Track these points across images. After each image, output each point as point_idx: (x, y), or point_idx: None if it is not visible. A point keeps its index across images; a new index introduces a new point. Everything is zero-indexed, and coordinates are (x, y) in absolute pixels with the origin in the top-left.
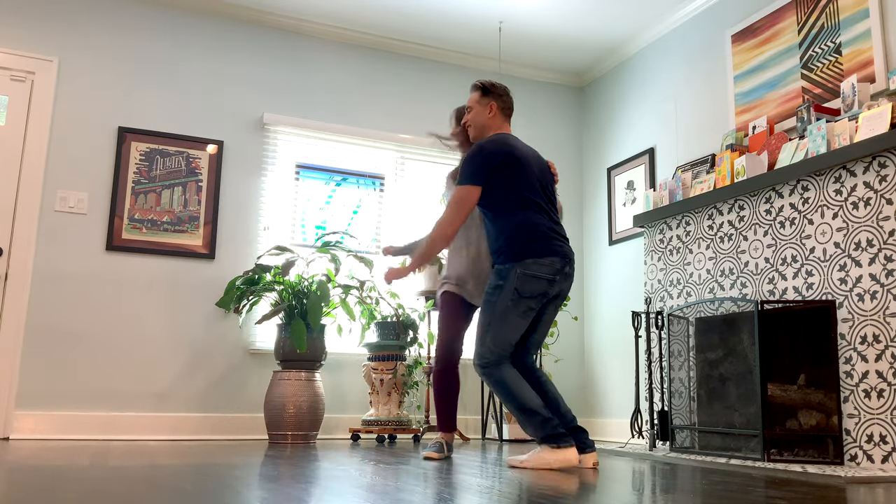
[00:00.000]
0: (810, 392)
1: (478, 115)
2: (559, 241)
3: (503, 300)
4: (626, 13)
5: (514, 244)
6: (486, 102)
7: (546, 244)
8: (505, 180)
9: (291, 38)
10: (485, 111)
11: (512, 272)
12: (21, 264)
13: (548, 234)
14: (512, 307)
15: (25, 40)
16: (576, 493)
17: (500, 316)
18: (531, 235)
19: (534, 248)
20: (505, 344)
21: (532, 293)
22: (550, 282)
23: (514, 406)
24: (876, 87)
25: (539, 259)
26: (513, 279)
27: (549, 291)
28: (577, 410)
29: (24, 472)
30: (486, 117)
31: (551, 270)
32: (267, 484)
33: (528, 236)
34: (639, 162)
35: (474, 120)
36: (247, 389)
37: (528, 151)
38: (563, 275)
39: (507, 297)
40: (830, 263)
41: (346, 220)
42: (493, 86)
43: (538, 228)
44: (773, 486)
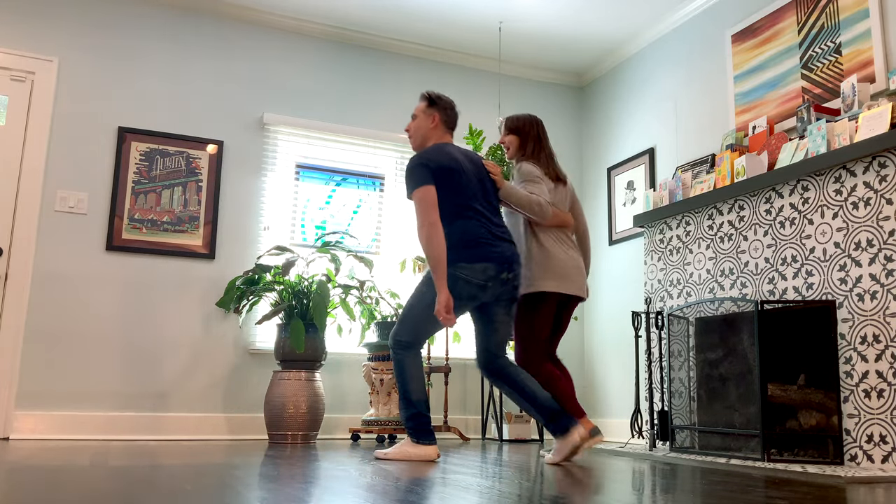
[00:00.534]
0: (810, 392)
1: (421, 123)
2: (495, 247)
3: (432, 294)
4: (626, 13)
5: (451, 249)
6: (431, 113)
7: (479, 251)
8: (441, 190)
9: (291, 38)
10: (428, 121)
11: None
12: (21, 264)
13: (482, 241)
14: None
15: (25, 40)
16: (576, 494)
17: (426, 307)
18: (464, 242)
19: (466, 254)
20: (419, 334)
21: (460, 295)
22: (481, 287)
23: (401, 390)
24: (876, 87)
25: (470, 264)
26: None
27: (479, 296)
28: None
29: (24, 472)
30: (429, 127)
31: (483, 276)
32: (267, 484)
33: (461, 243)
34: (639, 162)
35: (417, 128)
36: (247, 389)
37: (464, 158)
38: (497, 280)
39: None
40: (830, 263)
41: (346, 220)
42: (438, 98)
43: (471, 235)
44: (773, 486)
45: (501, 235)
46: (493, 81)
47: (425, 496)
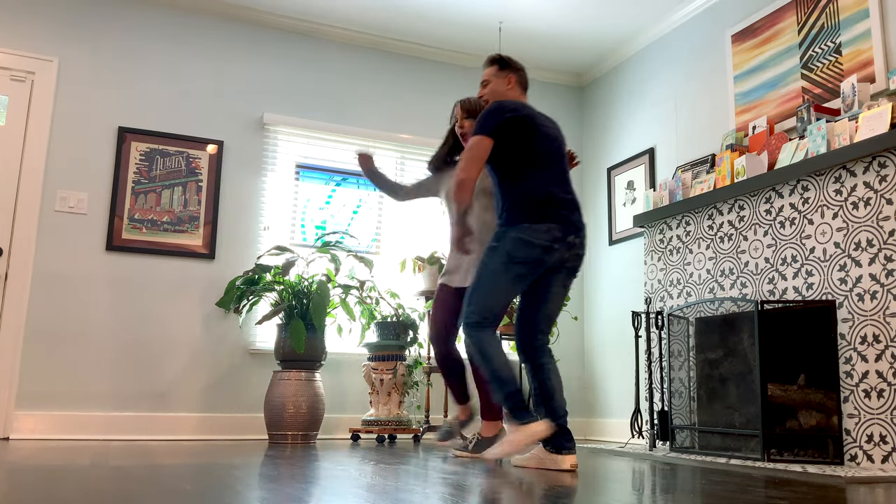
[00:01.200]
0: (810, 392)
1: (496, 87)
2: (563, 210)
3: (494, 262)
4: (626, 13)
5: (513, 208)
6: (505, 75)
7: (545, 211)
8: (515, 141)
9: (291, 38)
10: (503, 83)
11: (507, 235)
12: (21, 264)
13: (550, 201)
14: (502, 270)
15: (25, 40)
16: (576, 493)
17: (490, 277)
18: (531, 201)
19: (531, 213)
20: (489, 309)
21: (524, 258)
22: (546, 249)
23: (487, 370)
24: (876, 87)
25: (534, 224)
26: (506, 242)
27: (544, 259)
28: (578, 410)
29: (24, 472)
30: (505, 89)
31: (548, 238)
32: (267, 484)
33: (527, 201)
34: (639, 162)
35: (493, 92)
36: (247, 389)
37: (546, 120)
38: (563, 243)
39: (499, 259)
40: (830, 263)
41: (346, 220)
42: (509, 59)
43: (539, 194)
44: (773, 486)
45: (570, 201)
46: None
47: (425, 496)
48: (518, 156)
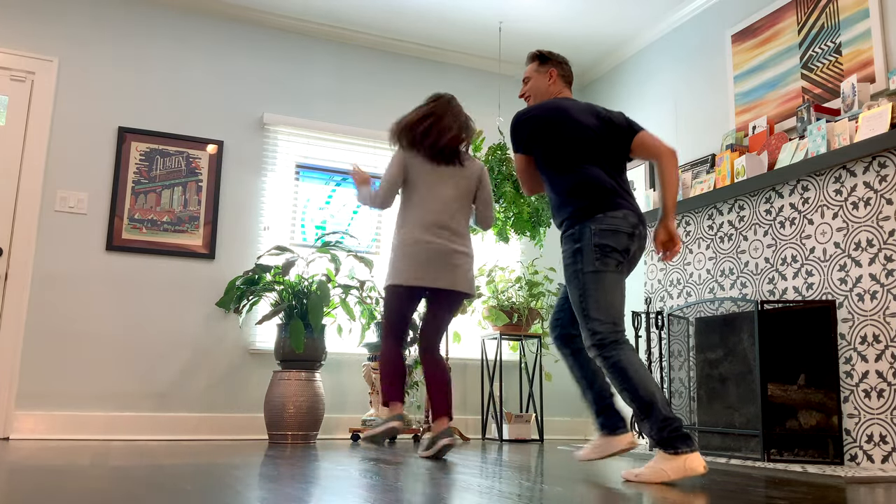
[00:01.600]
0: (810, 392)
1: (537, 83)
2: (629, 199)
3: (588, 262)
4: (626, 13)
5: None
6: (546, 70)
7: (616, 198)
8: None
9: (291, 38)
10: (545, 79)
11: (587, 230)
12: (21, 264)
13: (616, 190)
14: (602, 266)
15: (25, 40)
16: (576, 493)
17: (593, 281)
18: (598, 190)
19: (604, 202)
20: (613, 312)
21: (616, 246)
22: (630, 236)
23: (630, 397)
24: (876, 87)
25: (612, 212)
26: (589, 237)
27: (630, 247)
28: (578, 410)
29: (24, 472)
30: (547, 84)
31: (628, 224)
32: (267, 484)
33: (594, 191)
34: (639, 162)
35: (534, 89)
36: (247, 389)
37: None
38: (639, 231)
39: (592, 256)
40: (830, 263)
41: (346, 220)
42: (551, 53)
43: (604, 183)
44: (773, 486)
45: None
46: (493, 81)
47: (425, 496)
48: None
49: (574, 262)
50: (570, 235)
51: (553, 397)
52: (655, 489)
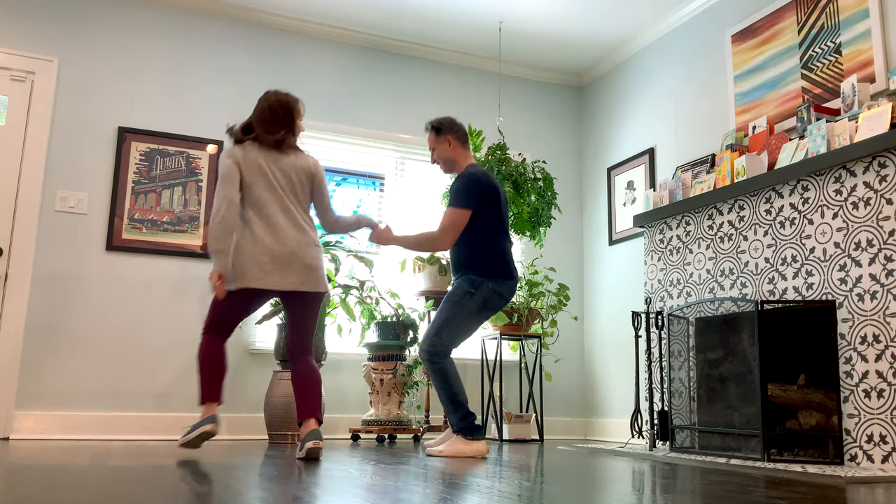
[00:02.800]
0: (810, 392)
1: (441, 152)
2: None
3: (470, 306)
4: (626, 13)
5: (489, 262)
6: (443, 139)
7: (511, 269)
8: (487, 209)
9: (291, 38)
10: (445, 147)
11: (484, 285)
12: (21, 264)
13: (511, 262)
14: (475, 314)
15: (25, 40)
16: (576, 493)
17: (463, 317)
18: (503, 260)
19: (505, 270)
20: (454, 342)
21: (493, 307)
22: (506, 301)
23: (446, 395)
24: (876, 87)
25: (507, 281)
26: (484, 291)
27: (500, 307)
28: (578, 410)
29: (24, 472)
30: (449, 151)
31: (510, 292)
32: (267, 484)
33: (500, 259)
34: (639, 162)
35: (441, 157)
36: (247, 389)
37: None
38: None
39: (475, 304)
40: (830, 263)
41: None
42: (440, 123)
43: (507, 256)
44: (773, 486)
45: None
46: (493, 81)
47: (425, 496)
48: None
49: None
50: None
51: (553, 397)
52: (660, 494)
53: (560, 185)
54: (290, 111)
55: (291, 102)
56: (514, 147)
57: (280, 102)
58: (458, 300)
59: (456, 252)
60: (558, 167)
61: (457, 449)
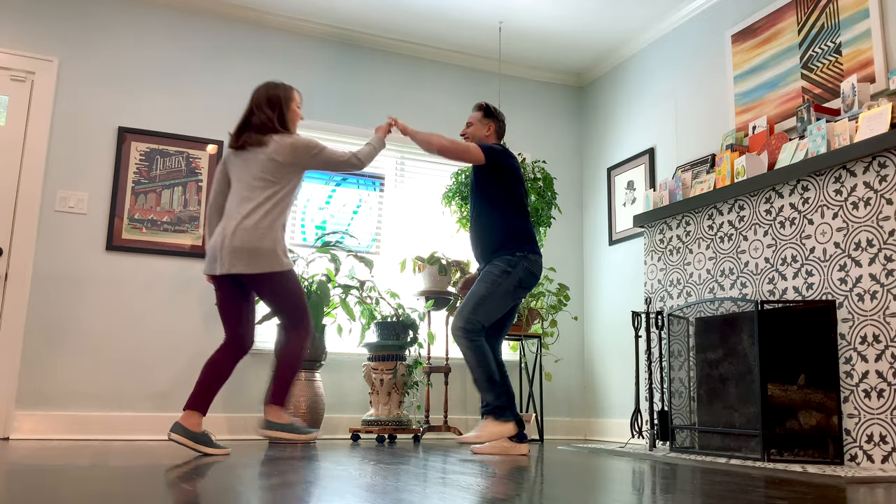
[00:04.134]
0: (810, 392)
1: (476, 131)
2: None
3: (507, 284)
4: (626, 13)
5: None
6: (487, 123)
7: (538, 248)
8: (511, 183)
9: (291, 38)
10: (483, 130)
11: (521, 263)
12: (21, 264)
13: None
14: (511, 292)
15: (25, 40)
16: (576, 494)
17: (500, 296)
18: (533, 238)
19: (535, 248)
20: (489, 319)
21: (528, 285)
22: (536, 280)
23: (483, 373)
24: (876, 87)
25: (538, 258)
26: (520, 269)
27: (532, 286)
28: (578, 410)
29: (24, 472)
30: (483, 135)
31: (540, 270)
32: (267, 484)
33: (531, 237)
34: (639, 162)
35: (473, 135)
36: (247, 389)
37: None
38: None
39: (512, 283)
40: (830, 263)
41: (346, 220)
42: (495, 109)
43: (534, 234)
44: (773, 486)
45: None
46: (493, 81)
47: (425, 496)
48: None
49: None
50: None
51: (553, 397)
52: (660, 494)
53: (560, 185)
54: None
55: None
56: (514, 147)
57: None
58: (495, 278)
59: (486, 235)
60: (558, 167)
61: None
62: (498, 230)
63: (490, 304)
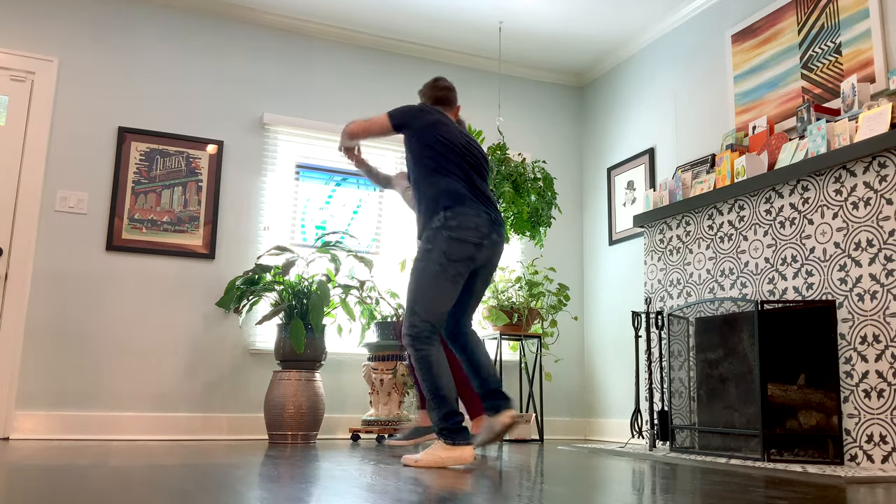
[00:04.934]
0: (810, 392)
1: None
2: (485, 207)
3: (431, 266)
4: (626, 13)
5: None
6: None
7: (472, 208)
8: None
9: (291, 38)
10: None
11: (439, 234)
12: (21, 264)
13: (473, 200)
14: (442, 273)
15: (25, 40)
16: (576, 494)
17: (431, 283)
18: (457, 200)
19: (456, 205)
20: (435, 315)
21: (460, 256)
22: (477, 246)
23: (427, 387)
24: (876, 87)
25: (464, 215)
26: (440, 241)
27: (476, 256)
28: (578, 410)
29: (24, 472)
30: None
31: (478, 235)
32: (267, 484)
33: (454, 201)
34: (639, 162)
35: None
36: (247, 389)
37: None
38: (490, 240)
39: (436, 261)
40: (830, 263)
41: (346, 220)
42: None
43: (463, 193)
44: (773, 486)
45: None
46: (493, 81)
47: (425, 496)
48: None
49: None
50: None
51: (553, 397)
52: (660, 494)
53: (560, 185)
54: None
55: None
56: (514, 147)
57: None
58: (417, 265)
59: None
60: (558, 167)
61: (435, 458)
62: (422, 203)
63: (425, 297)
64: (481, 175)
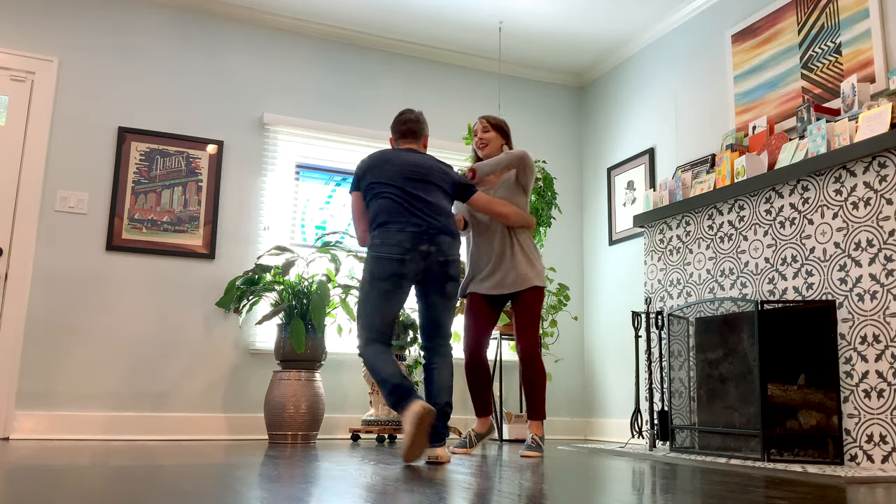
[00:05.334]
0: (810, 392)
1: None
2: (408, 222)
3: (364, 285)
4: (626, 13)
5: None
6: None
7: (392, 225)
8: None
9: (291, 38)
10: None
11: (368, 256)
12: (21, 264)
13: (395, 216)
14: (369, 290)
15: (25, 40)
16: (576, 494)
17: (363, 299)
18: (377, 219)
19: (379, 230)
20: (370, 326)
21: (382, 275)
22: (399, 261)
23: (376, 379)
24: (876, 87)
25: (384, 241)
26: (368, 262)
27: (401, 271)
28: (578, 410)
29: (24, 472)
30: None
31: (398, 250)
32: (267, 484)
33: (380, 222)
34: (639, 162)
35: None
36: (247, 389)
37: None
38: (416, 252)
39: (366, 280)
40: (830, 263)
41: (346, 220)
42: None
43: (384, 210)
44: (773, 486)
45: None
46: (493, 81)
47: (425, 496)
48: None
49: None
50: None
51: (553, 397)
52: (660, 494)
53: (560, 185)
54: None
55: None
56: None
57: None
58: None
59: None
60: (558, 167)
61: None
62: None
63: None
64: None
